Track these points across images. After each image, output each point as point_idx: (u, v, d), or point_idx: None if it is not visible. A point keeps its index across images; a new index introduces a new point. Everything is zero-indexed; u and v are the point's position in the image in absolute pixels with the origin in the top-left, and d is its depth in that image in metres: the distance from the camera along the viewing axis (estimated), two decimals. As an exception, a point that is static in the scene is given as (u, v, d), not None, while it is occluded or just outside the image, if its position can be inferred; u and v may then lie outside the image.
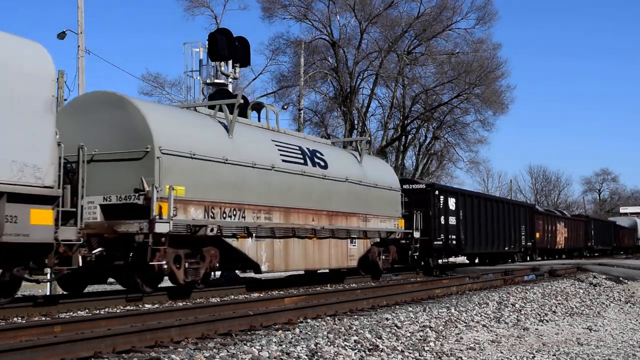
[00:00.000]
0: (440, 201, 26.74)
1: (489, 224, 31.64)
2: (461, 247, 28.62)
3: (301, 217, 17.79)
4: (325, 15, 46.83)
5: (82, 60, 25.74)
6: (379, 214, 21.79)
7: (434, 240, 26.02)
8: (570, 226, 47.04)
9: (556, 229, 43.13)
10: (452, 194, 28.34)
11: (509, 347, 9.83)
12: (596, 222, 55.91)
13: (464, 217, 28.65)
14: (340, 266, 19.68)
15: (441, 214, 26.73)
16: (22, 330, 8.74)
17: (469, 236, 29.20)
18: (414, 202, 25.38)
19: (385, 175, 23.23)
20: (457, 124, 51.75)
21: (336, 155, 20.77)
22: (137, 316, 10.49)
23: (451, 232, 27.38)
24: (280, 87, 47.53)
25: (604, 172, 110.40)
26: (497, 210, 32.75)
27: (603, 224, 59.40)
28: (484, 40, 49.10)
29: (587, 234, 50.76)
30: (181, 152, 14.16)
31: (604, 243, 56.43)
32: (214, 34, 23.75)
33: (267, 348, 8.04)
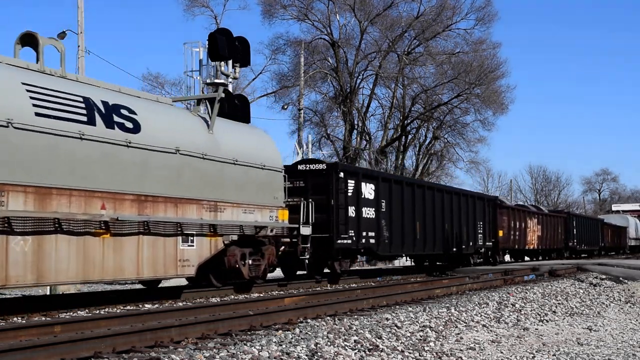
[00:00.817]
0: (347, 186, 20.46)
1: (429, 220, 25.77)
2: (383, 247, 22.47)
3: (77, 203, 11.94)
4: (325, 15, 46.91)
5: (82, 60, 25.75)
6: (242, 202, 16.04)
7: (338, 239, 19.72)
8: (545, 223, 40.97)
9: (527, 227, 37.37)
10: (368, 179, 21.93)
11: (509, 347, 9.83)
12: (579, 220, 49.73)
13: (388, 209, 22.64)
14: (161, 275, 13.81)
15: (350, 203, 20.43)
16: (22, 330, 8.74)
17: (396, 234, 23.22)
18: (312, 187, 19.73)
19: (258, 149, 17.17)
20: (457, 124, 51.83)
21: (161, 116, 14.51)
22: (137, 316, 10.50)
23: (366, 227, 21.23)
24: (280, 87, 47.57)
25: (604, 172, 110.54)
26: (441, 202, 27.11)
27: (588, 222, 52.89)
28: (483, 40, 49.24)
29: (567, 233, 44.97)
30: None
31: (589, 243, 50.65)
32: (214, 34, 23.70)
33: (267, 348, 8.04)
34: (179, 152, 14.32)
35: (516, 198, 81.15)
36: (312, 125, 49.59)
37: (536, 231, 39.17)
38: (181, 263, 14.15)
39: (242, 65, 25.14)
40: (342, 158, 45.72)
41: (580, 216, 52.36)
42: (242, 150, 16.45)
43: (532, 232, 38.45)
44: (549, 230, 41.41)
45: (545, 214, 41.89)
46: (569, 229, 45.13)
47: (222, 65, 24.09)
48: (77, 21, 26.14)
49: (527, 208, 40.55)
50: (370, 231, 21.56)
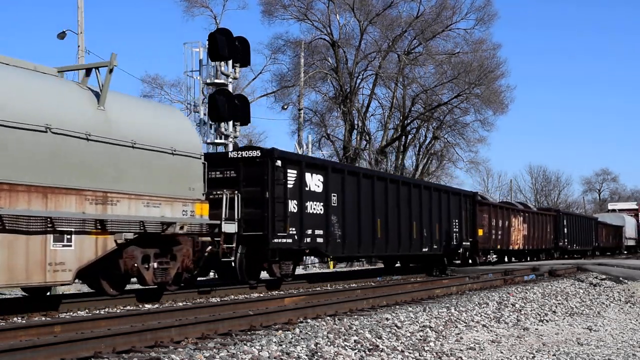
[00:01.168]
0: (287, 177, 17.63)
1: (393, 217, 22.70)
2: (334, 247, 19.45)
3: None
4: (325, 15, 46.93)
5: (82, 61, 25.73)
6: (144, 193, 13.41)
7: (274, 237, 16.82)
8: (532, 222, 38.14)
9: (511, 225, 34.60)
10: (314, 169, 18.81)
11: (509, 347, 9.84)
12: (571, 218, 46.60)
13: (340, 204, 19.75)
14: (21, 282, 11.02)
15: (291, 196, 17.57)
16: (22, 330, 8.74)
17: (351, 233, 20.20)
18: (245, 178, 17.07)
19: (168, 131, 14.49)
20: (457, 124, 51.84)
21: (29, 86, 11.87)
22: (137, 316, 10.50)
23: (312, 225, 18.38)
24: (280, 87, 47.59)
25: (604, 172, 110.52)
26: (408, 197, 23.99)
27: (581, 221, 49.47)
28: (483, 40, 49.27)
29: (557, 232, 42.12)
30: None
31: (581, 243, 47.77)
32: (214, 34, 23.74)
33: (267, 348, 8.04)
34: (50, 130, 11.61)
35: (516, 198, 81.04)
36: (312, 126, 49.65)
37: (522, 230, 36.36)
38: (52, 267, 11.36)
39: (242, 65, 25.17)
40: (342, 158, 45.74)
41: (571, 215, 48.83)
42: (145, 132, 13.66)
43: (517, 231, 35.66)
44: (537, 230, 38.75)
45: (533, 212, 39.19)
46: (559, 228, 42.41)
47: (222, 65, 24.12)
48: (77, 21, 26.14)
49: (512, 205, 38.02)
50: (317, 229, 18.53)
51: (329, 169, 19.51)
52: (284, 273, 17.87)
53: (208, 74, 24.69)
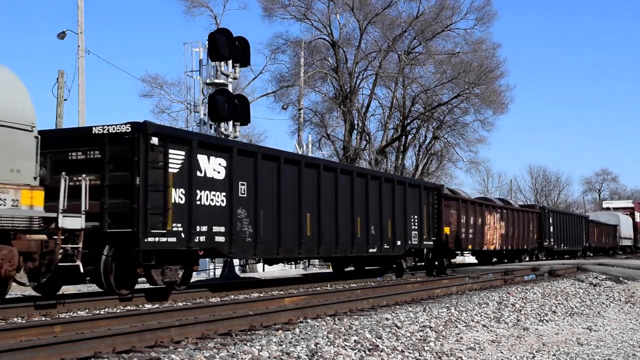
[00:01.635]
0: (169, 159, 13.97)
1: (327, 211, 18.95)
2: (242, 247, 15.98)
3: None
4: (325, 15, 46.91)
5: (82, 60, 25.76)
6: None
7: (148, 235, 13.38)
8: (511, 220, 34.45)
9: (485, 223, 30.89)
10: (212, 150, 15.27)
11: (509, 347, 9.84)
12: (558, 216, 42.58)
13: (252, 194, 16.16)
14: None
15: (175, 184, 14.06)
16: (22, 330, 8.74)
17: (267, 230, 16.69)
18: (112, 159, 13.56)
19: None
20: (457, 124, 51.80)
21: None
22: (137, 316, 10.51)
23: (208, 219, 14.90)
24: (280, 87, 47.56)
25: (604, 172, 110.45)
26: (349, 189, 20.13)
27: (570, 219, 45.55)
28: (483, 40, 49.22)
29: (542, 231, 38.61)
30: None
31: (570, 242, 44.25)
32: (214, 34, 23.75)
33: (267, 348, 8.04)
34: None
35: (516, 198, 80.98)
36: (312, 126, 49.60)
37: (499, 229, 32.66)
38: None
39: (242, 65, 25.19)
40: (342, 158, 45.75)
41: (559, 212, 44.77)
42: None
43: (493, 230, 32.09)
44: (518, 228, 35.20)
45: (513, 208, 35.69)
46: (543, 227, 38.85)
47: (222, 65, 24.13)
48: (77, 21, 26.16)
49: (487, 201, 34.39)
50: (216, 225, 15.06)
51: (233, 151, 15.76)
52: (168, 280, 14.09)
53: (208, 74, 24.71)
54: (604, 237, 55.83)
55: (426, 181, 29.26)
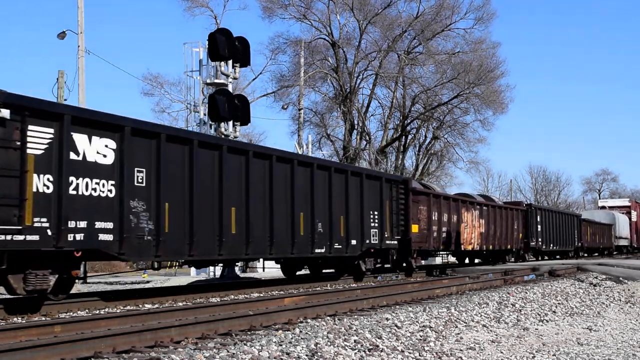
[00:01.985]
0: (26, 137, 11.31)
1: (260, 204, 16.30)
2: (137, 247, 13.05)
3: None
4: (325, 15, 46.94)
5: (82, 60, 25.77)
6: None
7: None
8: (492, 217, 31.46)
9: (461, 221, 28.15)
10: (93, 128, 12.44)
11: (509, 347, 9.84)
12: (547, 214, 39.61)
13: (153, 184, 13.43)
14: None
15: (37, 168, 11.40)
16: (22, 330, 8.74)
17: (175, 226, 13.88)
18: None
19: None
20: (457, 124, 51.87)
21: None
22: (137, 316, 10.50)
23: (88, 214, 12.10)
24: (280, 87, 47.58)
25: (604, 172, 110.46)
26: (288, 179, 17.33)
27: (560, 218, 42.40)
28: (483, 39, 49.26)
29: (528, 230, 35.99)
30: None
31: (560, 242, 41.52)
32: (214, 34, 23.77)
33: (267, 348, 8.04)
34: None
35: (516, 198, 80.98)
36: (312, 126, 49.64)
37: (477, 227, 29.76)
38: None
39: (242, 65, 25.21)
40: (342, 158, 45.77)
41: (547, 210, 41.50)
42: None
43: (471, 228, 29.24)
44: (500, 227, 32.39)
45: (494, 205, 32.46)
46: (530, 225, 36.18)
47: (222, 65, 24.14)
48: (77, 21, 26.17)
49: (467, 197, 31.06)
50: (100, 220, 12.30)
51: (126, 131, 12.88)
52: (32, 288, 11.54)
53: (208, 74, 24.73)
54: (598, 237, 52.39)
55: (389, 173, 27.01)
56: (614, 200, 75.53)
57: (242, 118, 23.95)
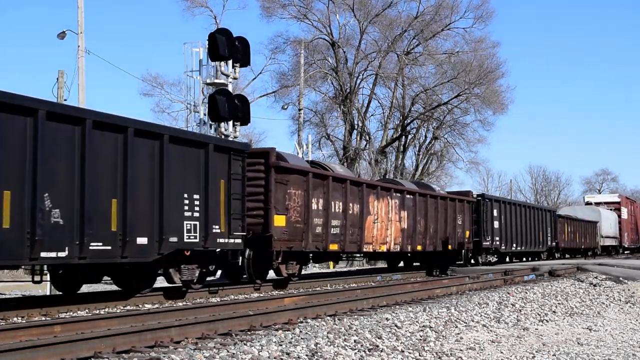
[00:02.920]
0: None
1: None
2: None
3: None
4: (324, 15, 46.96)
5: (82, 60, 25.76)
6: None
7: None
8: (421, 209, 24.49)
9: (368, 212, 21.15)
10: None
11: (509, 347, 9.84)
12: (507, 208, 32.19)
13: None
14: None
15: None
16: (22, 330, 8.74)
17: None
18: None
19: None
20: (457, 124, 51.92)
21: None
22: (137, 316, 10.50)
23: None
24: (280, 86, 47.62)
25: (604, 172, 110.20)
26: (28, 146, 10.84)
27: (527, 213, 35.02)
28: (483, 39, 49.30)
29: (480, 227, 28.84)
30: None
31: (528, 242, 34.62)
32: (214, 34, 23.76)
33: (267, 348, 8.04)
34: None
35: (516, 198, 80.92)
36: (312, 126, 49.66)
37: (395, 221, 22.70)
38: None
39: (242, 65, 25.20)
40: (342, 158, 45.78)
41: (508, 203, 33.48)
42: None
43: (384, 223, 22.03)
44: (436, 223, 25.34)
45: (423, 194, 24.94)
46: (482, 222, 29.01)
47: (222, 65, 24.14)
48: (77, 21, 26.16)
49: (386, 182, 24.60)
50: None
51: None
52: None
53: (208, 74, 24.73)
54: (579, 236, 45.38)
55: (228, 139, 19.32)
56: (602, 196, 67.13)
57: (242, 118, 23.94)
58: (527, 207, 36.10)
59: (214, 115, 23.15)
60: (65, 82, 26.09)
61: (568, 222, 43.72)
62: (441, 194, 27.17)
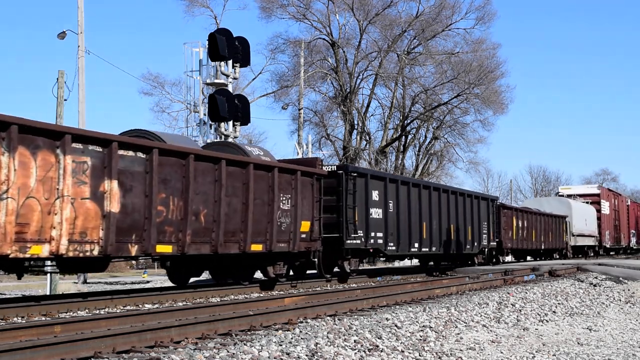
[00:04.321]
0: None
1: None
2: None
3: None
4: (324, 15, 46.96)
5: (82, 60, 25.76)
6: None
7: None
8: (191, 183, 13.78)
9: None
10: None
11: (509, 347, 9.84)
12: (410, 191, 22.81)
13: None
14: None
15: None
16: (22, 330, 8.74)
17: None
18: None
19: None
20: (456, 124, 51.90)
21: None
22: (137, 316, 10.50)
23: None
24: (280, 87, 47.61)
25: (604, 172, 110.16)
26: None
27: (446, 200, 25.33)
28: (483, 40, 49.30)
29: (342, 216, 19.17)
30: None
31: (445, 242, 25.08)
32: (214, 34, 23.78)
33: (267, 348, 8.04)
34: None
35: (516, 198, 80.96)
36: (312, 125, 49.67)
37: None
38: None
39: (242, 65, 25.22)
40: (342, 158, 45.78)
41: (406, 183, 23.12)
42: None
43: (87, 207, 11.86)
44: (229, 206, 15.04)
45: (182, 152, 13.91)
46: (344, 208, 19.28)
47: (222, 65, 24.15)
48: (77, 21, 26.16)
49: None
50: None
51: None
52: None
53: (208, 74, 24.74)
54: (536, 234, 35.85)
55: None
56: (577, 187, 56.03)
57: (242, 118, 23.96)
58: (443, 192, 25.35)
59: (214, 115, 23.17)
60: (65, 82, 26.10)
61: (519, 215, 33.67)
62: (246, 159, 15.94)
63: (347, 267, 19.96)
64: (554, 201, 44.38)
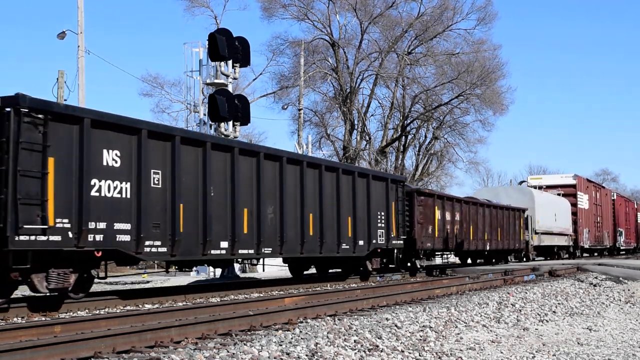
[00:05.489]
0: None
1: None
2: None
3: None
4: (325, 15, 46.97)
5: (82, 60, 25.76)
6: None
7: None
8: None
9: None
10: None
11: (509, 347, 9.84)
12: (235, 161, 14.75)
13: None
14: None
15: None
16: (22, 330, 8.74)
17: None
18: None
19: None
20: (457, 124, 51.88)
21: None
22: (137, 316, 10.50)
23: None
24: (280, 87, 47.60)
25: (604, 172, 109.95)
26: None
27: (311, 177, 17.58)
28: (484, 40, 49.28)
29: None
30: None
31: (300, 241, 17.16)
32: (214, 34, 23.77)
33: (267, 348, 8.04)
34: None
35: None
36: (312, 126, 49.68)
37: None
38: None
39: (242, 65, 25.21)
40: (343, 158, 45.77)
41: (221, 146, 14.79)
42: None
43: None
44: None
45: None
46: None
47: (222, 65, 24.14)
48: (77, 21, 26.17)
49: None
50: None
51: None
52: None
53: (208, 74, 24.74)
54: (478, 231, 28.36)
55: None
56: (550, 177, 48.04)
57: (242, 118, 23.96)
58: (279, 161, 16.62)
59: (214, 116, 23.16)
60: (65, 82, 26.12)
61: (445, 205, 25.65)
62: None
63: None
64: (513, 191, 36.48)
